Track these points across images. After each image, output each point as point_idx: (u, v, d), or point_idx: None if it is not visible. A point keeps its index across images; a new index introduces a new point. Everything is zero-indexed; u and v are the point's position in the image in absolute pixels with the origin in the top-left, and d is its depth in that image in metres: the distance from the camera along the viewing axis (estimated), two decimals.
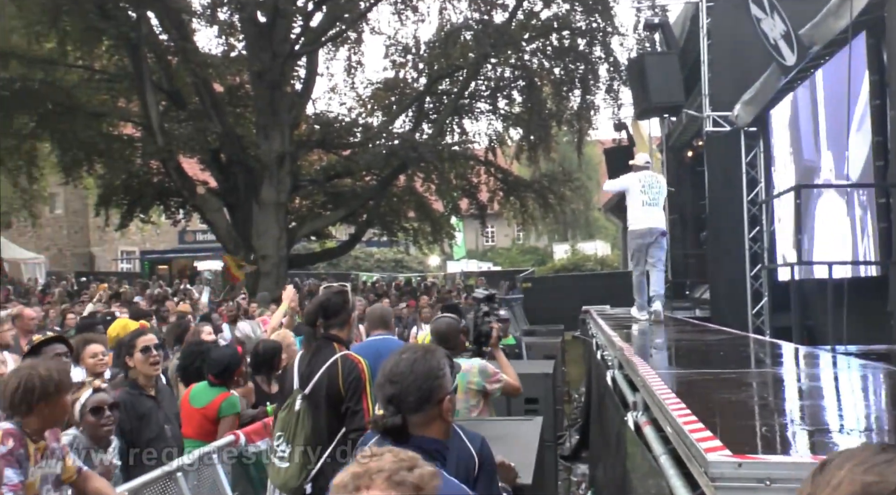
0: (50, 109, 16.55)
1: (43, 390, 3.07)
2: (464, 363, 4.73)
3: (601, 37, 18.79)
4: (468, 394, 4.67)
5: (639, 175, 8.22)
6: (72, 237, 38.32)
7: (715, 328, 8.46)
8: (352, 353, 3.85)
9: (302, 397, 3.72)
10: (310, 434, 3.63)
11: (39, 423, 3.12)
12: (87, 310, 11.70)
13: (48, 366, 3.21)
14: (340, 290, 4.14)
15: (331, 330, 3.95)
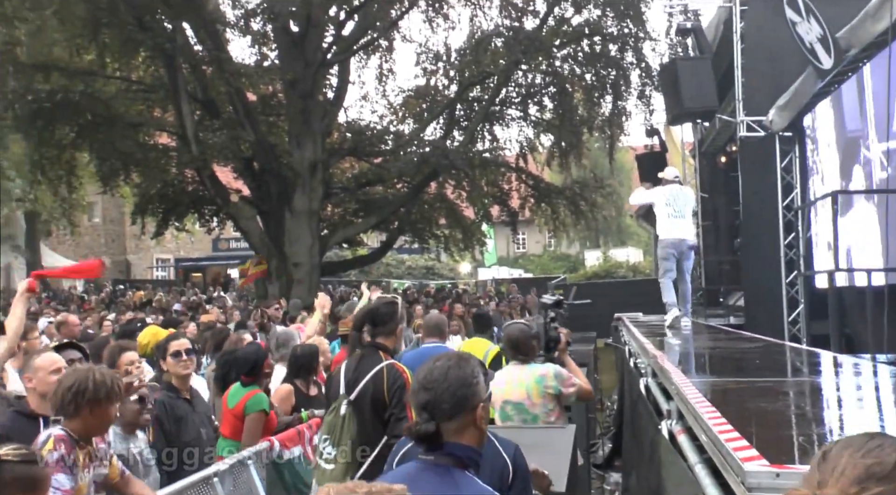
0: (89, 120, 16.86)
1: (94, 394, 3.13)
2: (539, 368, 4.75)
3: (633, 42, 18.69)
4: (545, 398, 4.66)
5: (666, 188, 8.56)
6: (109, 245, 39.02)
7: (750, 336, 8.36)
8: (397, 363, 3.95)
9: (347, 402, 3.84)
10: (355, 438, 3.75)
11: (84, 427, 3.18)
12: None
13: (104, 371, 3.27)
14: (391, 301, 4.21)
15: (377, 338, 4.05)
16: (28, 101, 15.15)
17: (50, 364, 3.80)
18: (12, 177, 22.78)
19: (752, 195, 11.63)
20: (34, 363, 3.82)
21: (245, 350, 5.33)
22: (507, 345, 4.90)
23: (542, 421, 4.63)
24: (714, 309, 13.85)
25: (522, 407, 4.68)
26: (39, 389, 3.71)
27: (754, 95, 11.18)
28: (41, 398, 3.69)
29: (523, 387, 4.69)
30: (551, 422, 4.64)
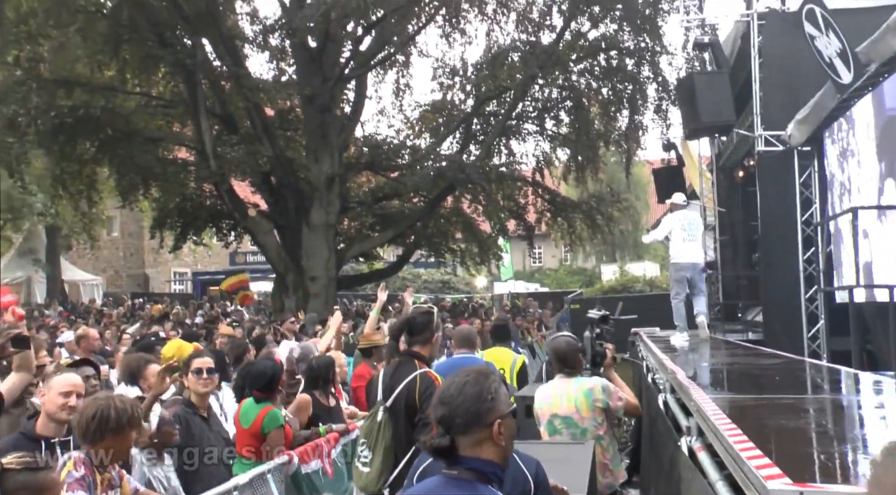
0: (110, 135, 17.01)
1: (117, 422, 3.18)
2: (586, 381, 4.76)
3: (649, 56, 18.67)
4: (594, 412, 4.66)
5: (677, 215, 9.34)
6: (127, 259, 39.30)
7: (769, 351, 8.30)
8: (431, 371, 4.11)
9: (384, 408, 4.04)
10: (389, 442, 3.95)
11: (107, 454, 3.22)
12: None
13: (123, 399, 3.32)
14: (427, 311, 4.38)
15: (414, 346, 4.24)
16: (51, 117, 15.33)
17: (63, 385, 3.78)
18: (34, 192, 23.02)
19: (770, 210, 11.55)
20: (50, 381, 3.84)
21: (261, 364, 5.33)
22: (554, 358, 4.90)
23: (591, 434, 4.62)
24: (732, 324, 13.72)
25: (571, 421, 4.67)
26: (47, 408, 3.73)
27: (772, 110, 11.13)
28: (47, 418, 3.71)
29: (572, 401, 4.68)
30: (600, 436, 4.64)
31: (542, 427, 4.80)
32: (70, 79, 17.13)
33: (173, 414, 4.34)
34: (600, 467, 4.63)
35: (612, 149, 22.10)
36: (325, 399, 5.77)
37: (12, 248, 28.42)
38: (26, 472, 2.56)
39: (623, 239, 37.52)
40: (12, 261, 28.11)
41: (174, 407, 4.46)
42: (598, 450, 4.61)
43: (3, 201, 24.46)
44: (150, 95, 19.25)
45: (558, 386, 4.81)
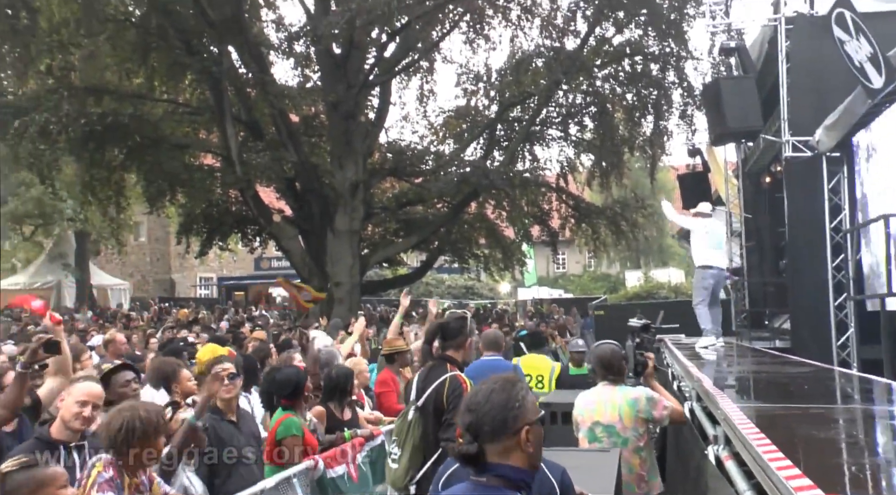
0: (138, 142, 17.27)
1: (143, 432, 3.23)
2: (631, 391, 4.74)
3: (674, 61, 18.59)
4: (637, 423, 4.64)
5: (704, 220, 9.42)
6: (154, 264, 39.74)
7: (797, 360, 8.20)
8: (460, 374, 4.23)
9: (415, 408, 4.20)
10: (418, 441, 4.13)
11: (135, 462, 3.27)
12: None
13: (148, 408, 3.36)
14: (461, 316, 4.51)
15: (447, 350, 4.36)
16: (81, 124, 15.57)
17: (81, 394, 3.80)
18: (64, 198, 23.39)
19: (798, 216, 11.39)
20: (72, 387, 3.87)
21: (285, 372, 5.32)
22: (598, 365, 4.88)
23: (632, 445, 4.61)
24: (759, 331, 13.54)
25: (613, 430, 4.65)
26: (62, 414, 3.77)
27: (800, 115, 10.99)
28: (62, 423, 3.75)
29: (615, 410, 4.66)
30: (640, 447, 4.63)
31: (582, 434, 4.79)
32: (99, 87, 17.42)
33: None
34: (637, 478, 4.62)
35: (637, 154, 22.02)
36: (339, 412, 5.73)
37: (43, 253, 28.88)
38: (24, 471, 2.65)
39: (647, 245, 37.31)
40: (43, 265, 28.54)
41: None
42: (637, 461, 4.60)
43: (35, 207, 24.91)
44: (177, 102, 19.49)
45: (602, 393, 4.79)
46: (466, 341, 4.41)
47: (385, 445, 5.94)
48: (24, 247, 29.16)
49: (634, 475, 4.64)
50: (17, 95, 16.93)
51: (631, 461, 4.63)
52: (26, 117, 15.47)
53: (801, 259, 11.19)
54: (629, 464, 4.63)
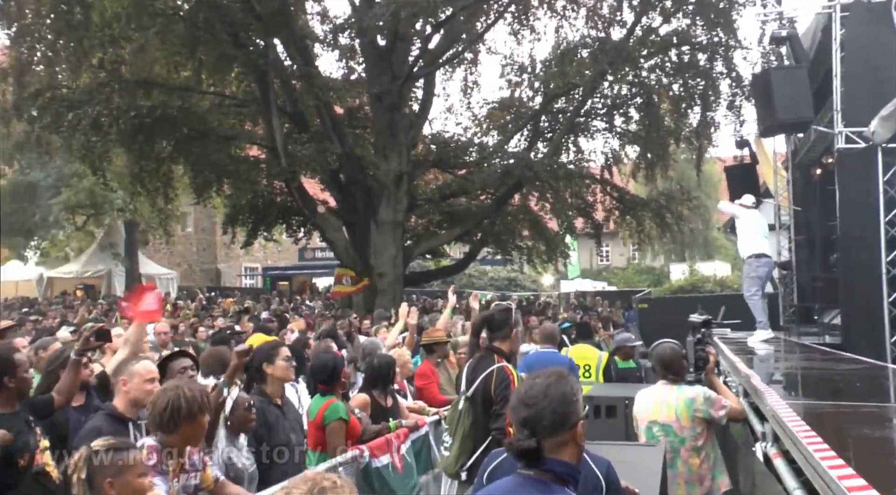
0: (185, 134, 17.53)
1: (188, 410, 3.30)
2: (688, 391, 4.75)
3: (723, 51, 18.24)
4: (694, 423, 4.67)
5: (752, 211, 9.39)
6: (200, 254, 40.41)
7: (848, 356, 8.02)
8: (507, 366, 4.35)
9: (465, 398, 4.37)
10: (468, 429, 4.30)
11: (181, 441, 3.35)
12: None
13: (192, 387, 3.44)
14: (506, 308, 4.64)
15: (494, 342, 4.50)
16: (131, 117, 15.86)
17: (147, 372, 4.03)
18: (115, 189, 23.91)
19: (850, 209, 11.11)
20: (133, 369, 4.02)
21: (321, 358, 5.40)
22: (658, 364, 4.90)
23: (690, 444, 4.64)
24: (807, 326, 13.29)
25: (670, 429, 4.66)
26: (132, 395, 3.93)
27: (854, 105, 10.70)
28: (131, 403, 3.89)
29: (672, 410, 4.68)
30: (698, 446, 4.64)
31: (641, 431, 4.85)
32: (149, 80, 17.74)
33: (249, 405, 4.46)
34: (698, 477, 4.62)
35: (683, 146, 21.69)
36: (384, 399, 5.80)
37: (94, 243, 29.58)
38: (112, 453, 2.72)
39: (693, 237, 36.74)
40: (94, 254, 29.25)
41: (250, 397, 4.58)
42: (696, 461, 4.60)
43: (87, 197, 25.55)
44: (224, 95, 19.73)
45: (660, 392, 4.80)
46: (512, 332, 4.49)
47: (429, 436, 5.99)
48: (77, 237, 29.89)
49: (695, 474, 4.64)
50: (70, 89, 17.31)
51: (690, 460, 4.63)
52: (79, 110, 15.82)
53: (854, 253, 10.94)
54: (688, 463, 4.63)
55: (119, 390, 4.05)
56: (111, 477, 2.72)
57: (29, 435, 3.83)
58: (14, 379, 3.87)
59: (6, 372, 3.85)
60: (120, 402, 4.00)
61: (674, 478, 4.58)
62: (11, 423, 3.80)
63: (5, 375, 3.84)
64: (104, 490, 2.71)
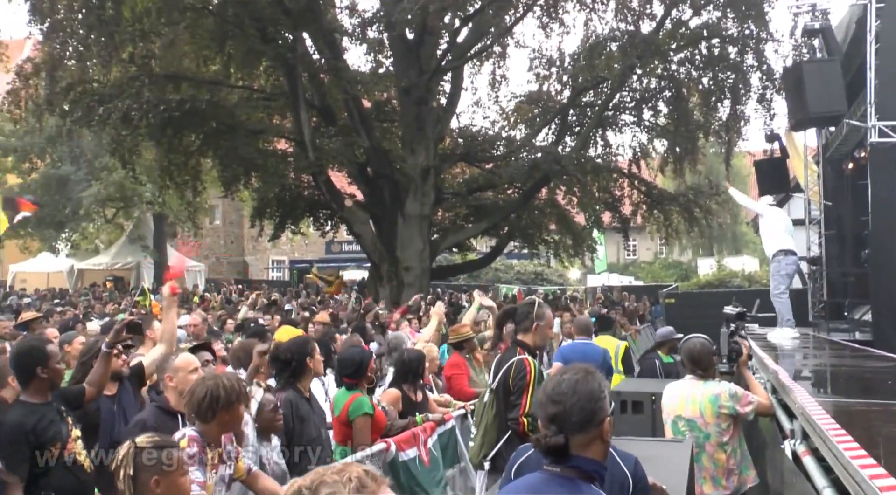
0: (214, 127, 17.68)
1: (227, 399, 3.37)
2: (714, 387, 4.74)
3: (754, 44, 18.01)
4: (719, 419, 4.66)
5: (775, 209, 9.47)
6: (228, 247, 40.80)
7: (879, 353, 7.92)
8: (527, 358, 4.41)
9: (490, 390, 4.50)
10: (491, 420, 4.42)
11: (219, 429, 3.42)
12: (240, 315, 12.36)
13: (229, 377, 3.52)
14: (530, 302, 4.71)
15: (518, 335, 4.59)
16: (160, 111, 16.04)
17: (188, 364, 4.15)
18: (144, 182, 24.20)
19: (883, 204, 10.96)
20: (175, 364, 4.11)
21: (348, 352, 5.43)
22: (687, 359, 4.89)
23: (715, 440, 4.64)
24: (837, 323, 13.13)
25: (695, 425, 4.67)
26: (181, 388, 3.99)
27: (888, 99, 10.55)
28: (180, 395, 3.95)
29: (696, 405, 4.68)
30: (724, 442, 4.63)
31: (667, 425, 4.87)
32: (178, 74, 17.91)
33: (284, 399, 4.52)
34: (724, 472, 4.61)
35: (712, 140, 21.48)
36: (413, 393, 5.85)
37: (123, 235, 29.98)
38: (157, 450, 2.77)
39: (721, 232, 36.44)
40: (123, 247, 29.64)
41: (283, 393, 4.63)
42: (723, 456, 4.60)
43: (116, 190, 25.90)
44: (253, 89, 19.86)
45: (686, 387, 4.79)
46: (533, 325, 4.53)
47: (456, 430, 6.02)
48: (106, 229, 30.31)
49: (721, 469, 4.63)
50: (101, 83, 17.53)
51: (715, 456, 4.63)
52: (110, 104, 16.02)
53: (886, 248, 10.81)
54: (714, 459, 4.63)
55: (167, 386, 4.19)
56: (157, 475, 2.76)
57: (61, 425, 3.90)
58: (47, 370, 3.94)
59: (39, 362, 3.92)
60: (171, 396, 4.12)
61: (699, 473, 4.57)
62: (44, 413, 3.87)
63: (38, 365, 3.92)
64: (150, 487, 2.75)
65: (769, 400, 4.96)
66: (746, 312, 6.11)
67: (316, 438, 4.60)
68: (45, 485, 3.75)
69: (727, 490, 4.65)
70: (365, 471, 1.50)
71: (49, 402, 3.97)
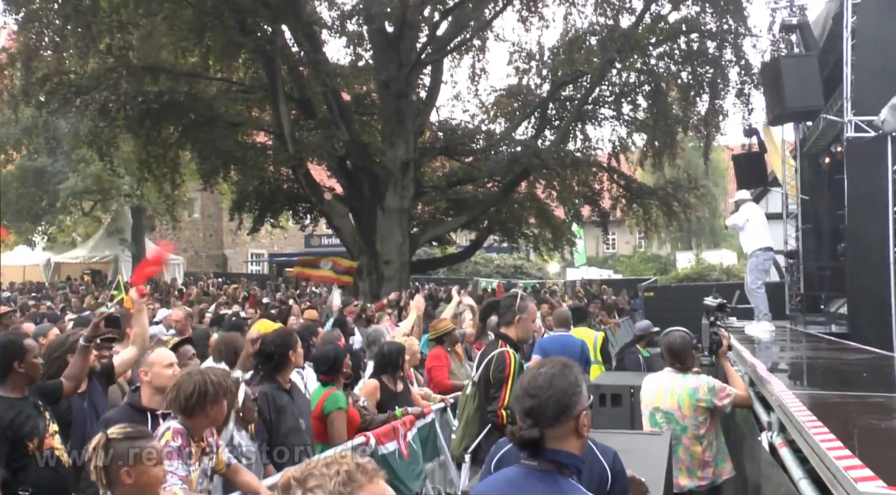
0: (192, 120, 17.54)
1: (214, 394, 3.36)
2: (692, 380, 4.77)
3: (732, 39, 18.14)
4: (697, 412, 4.70)
5: (752, 205, 9.61)
6: (207, 240, 40.52)
7: (854, 346, 8.02)
8: (508, 351, 4.38)
9: (472, 383, 4.48)
10: (473, 413, 4.41)
11: (205, 424, 3.39)
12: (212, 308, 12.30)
13: (216, 372, 3.49)
14: (512, 294, 4.71)
15: (501, 328, 4.58)
16: (138, 103, 15.88)
17: (164, 359, 4.07)
18: (122, 174, 23.95)
19: (859, 198, 11.07)
20: (150, 358, 4.05)
21: (323, 349, 5.47)
22: (667, 352, 4.93)
23: (691, 433, 4.69)
24: (814, 316, 13.28)
25: (672, 417, 4.72)
26: (155, 383, 3.95)
27: (864, 94, 10.64)
28: (155, 392, 3.91)
29: (675, 398, 4.73)
30: (700, 435, 4.68)
31: (644, 417, 4.91)
32: (156, 65, 17.71)
33: (260, 393, 4.52)
34: (700, 464, 4.66)
35: (691, 134, 21.61)
36: (393, 384, 5.91)
37: (101, 228, 29.69)
38: (129, 441, 2.74)
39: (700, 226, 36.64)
40: (101, 240, 29.35)
41: (261, 386, 4.61)
42: (699, 448, 4.65)
43: (94, 183, 25.62)
44: (231, 81, 19.70)
45: (665, 380, 4.84)
46: (515, 318, 4.51)
47: (435, 423, 6.03)
48: (84, 222, 30.00)
49: (697, 460, 4.68)
50: (78, 74, 17.31)
51: (692, 448, 4.67)
52: (87, 96, 15.83)
53: (862, 242, 10.92)
54: (690, 451, 4.67)
55: (142, 381, 4.09)
56: (128, 466, 2.74)
57: (38, 419, 3.87)
58: (24, 364, 3.91)
59: (17, 356, 3.88)
60: (144, 393, 4.04)
61: (675, 465, 4.61)
62: (21, 408, 3.85)
63: (15, 360, 3.88)
64: (121, 478, 2.74)
65: (747, 391, 5.01)
66: (727, 304, 6.17)
67: (294, 428, 4.58)
68: (23, 480, 3.73)
69: (702, 480, 4.70)
70: (357, 465, 1.49)
71: (26, 397, 3.93)
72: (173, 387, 3.47)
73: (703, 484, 4.69)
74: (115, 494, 2.74)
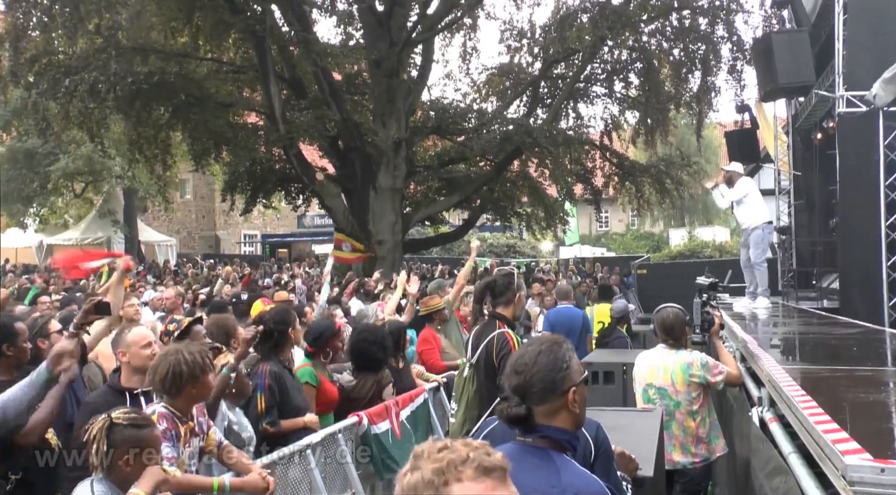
0: (183, 100, 17.41)
1: (190, 373, 3.32)
2: (686, 356, 4.80)
3: (724, 15, 18.07)
4: (690, 387, 4.73)
5: (747, 179, 9.71)
6: (199, 221, 40.40)
7: (845, 321, 8.08)
8: (508, 332, 4.32)
9: (469, 365, 4.37)
10: (472, 395, 4.31)
11: (187, 403, 3.38)
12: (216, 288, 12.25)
13: (191, 349, 3.45)
14: (508, 273, 4.63)
15: (497, 308, 4.48)
16: (128, 83, 15.73)
17: (141, 339, 3.96)
18: (113, 156, 23.79)
19: (850, 173, 11.08)
20: (126, 338, 3.99)
21: (318, 322, 5.58)
22: (660, 328, 4.95)
23: (685, 408, 4.71)
24: (806, 291, 13.35)
25: (665, 392, 4.74)
26: (133, 363, 3.90)
27: (856, 69, 10.61)
28: (134, 371, 3.88)
29: (668, 374, 4.75)
30: (694, 410, 4.69)
31: (637, 393, 4.90)
32: (146, 46, 17.54)
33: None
34: (694, 439, 4.69)
35: (683, 111, 21.57)
36: (395, 362, 5.99)
37: (93, 210, 29.56)
38: (132, 428, 2.73)
39: (692, 203, 36.71)
40: (93, 221, 29.24)
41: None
42: (692, 424, 4.68)
43: (85, 164, 25.45)
44: (222, 61, 19.56)
45: (658, 356, 4.86)
46: (514, 297, 4.47)
47: (428, 403, 6.06)
48: (76, 204, 29.85)
49: (691, 436, 4.71)
50: (67, 55, 17.13)
51: (685, 423, 4.71)
52: (76, 76, 15.68)
53: (854, 217, 10.94)
54: (683, 426, 4.71)
55: (121, 362, 4.03)
56: (129, 452, 2.73)
57: None
58: (13, 348, 3.88)
59: (6, 339, 3.85)
60: (123, 373, 3.99)
61: (669, 441, 4.65)
62: None
63: (4, 343, 3.85)
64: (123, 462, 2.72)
65: (738, 370, 5.05)
66: (719, 282, 6.19)
67: (302, 407, 4.63)
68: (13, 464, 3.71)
69: (696, 457, 4.73)
70: (466, 458, 1.39)
71: (14, 380, 3.91)
72: (151, 370, 3.43)
73: (696, 460, 4.73)
74: (111, 478, 2.73)
